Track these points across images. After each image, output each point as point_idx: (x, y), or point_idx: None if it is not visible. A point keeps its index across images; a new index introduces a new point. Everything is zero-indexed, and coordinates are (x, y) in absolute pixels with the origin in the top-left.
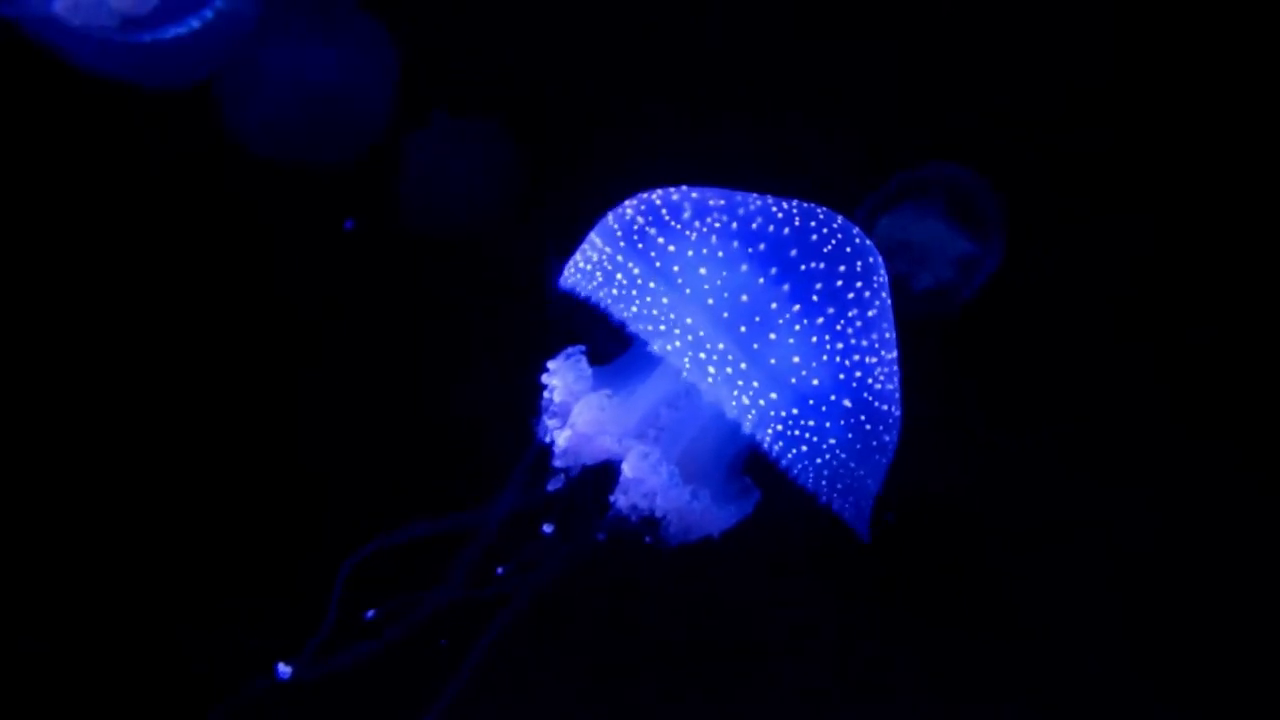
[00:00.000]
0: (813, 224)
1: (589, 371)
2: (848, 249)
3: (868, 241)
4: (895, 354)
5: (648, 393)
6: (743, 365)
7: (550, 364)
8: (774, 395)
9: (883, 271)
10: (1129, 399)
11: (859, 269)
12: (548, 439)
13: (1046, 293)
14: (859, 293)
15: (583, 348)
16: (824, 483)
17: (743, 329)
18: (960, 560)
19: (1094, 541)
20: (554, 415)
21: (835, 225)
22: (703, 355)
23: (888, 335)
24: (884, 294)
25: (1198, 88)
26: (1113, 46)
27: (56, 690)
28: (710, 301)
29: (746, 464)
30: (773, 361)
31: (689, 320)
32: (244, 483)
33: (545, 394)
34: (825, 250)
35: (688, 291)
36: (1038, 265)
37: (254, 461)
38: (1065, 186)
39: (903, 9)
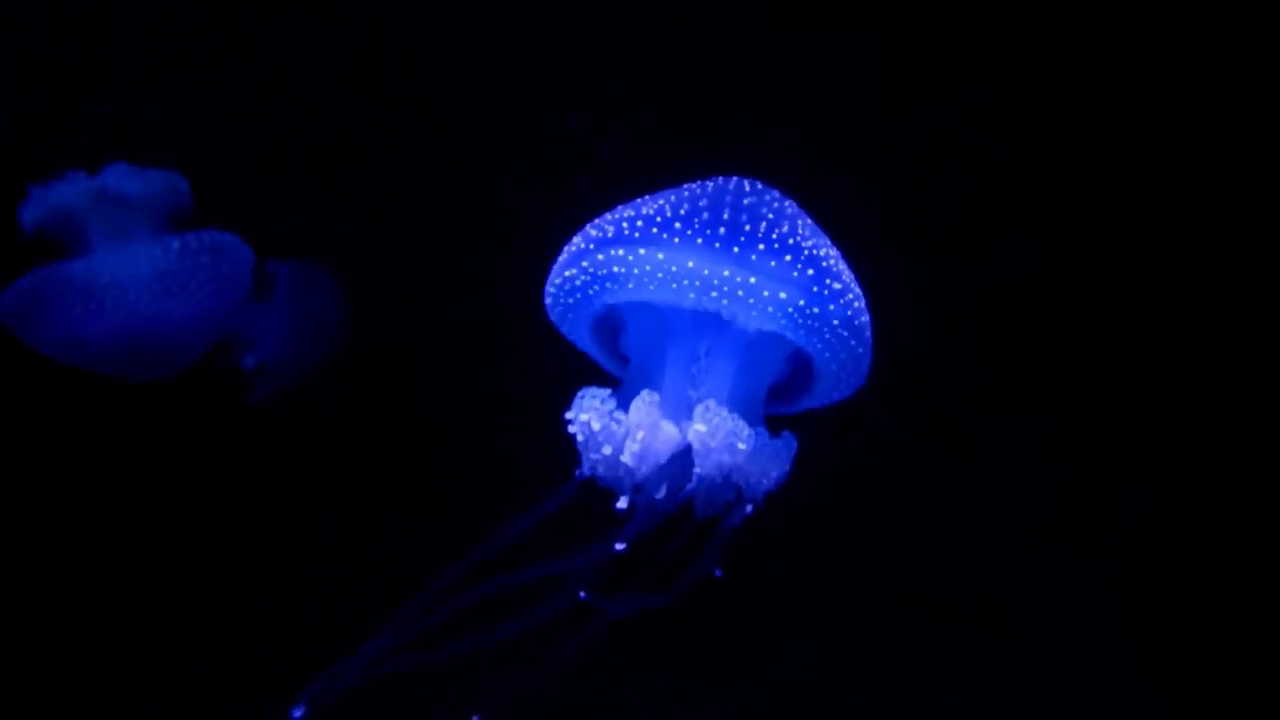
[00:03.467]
0: (722, 180)
1: (609, 394)
2: (759, 184)
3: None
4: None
5: (670, 382)
6: (752, 280)
7: (570, 412)
8: (783, 295)
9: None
10: (1103, 393)
11: (777, 194)
12: (593, 470)
13: (1021, 287)
14: (795, 210)
15: (590, 387)
16: (835, 365)
17: (735, 249)
18: (950, 558)
19: (1070, 534)
20: (597, 445)
21: (734, 180)
22: (715, 288)
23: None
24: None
25: (1171, 82)
26: (1086, 41)
27: (56, 691)
28: (699, 241)
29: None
30: (773, 264)
31: (691, 264)
32: (244, 482)
33: (579, 432)
34: (746, 189)
35: (676, 241)
36: (1012, 259)
37: (254, 461)
38: (1039, 180)
39: (877, 4)
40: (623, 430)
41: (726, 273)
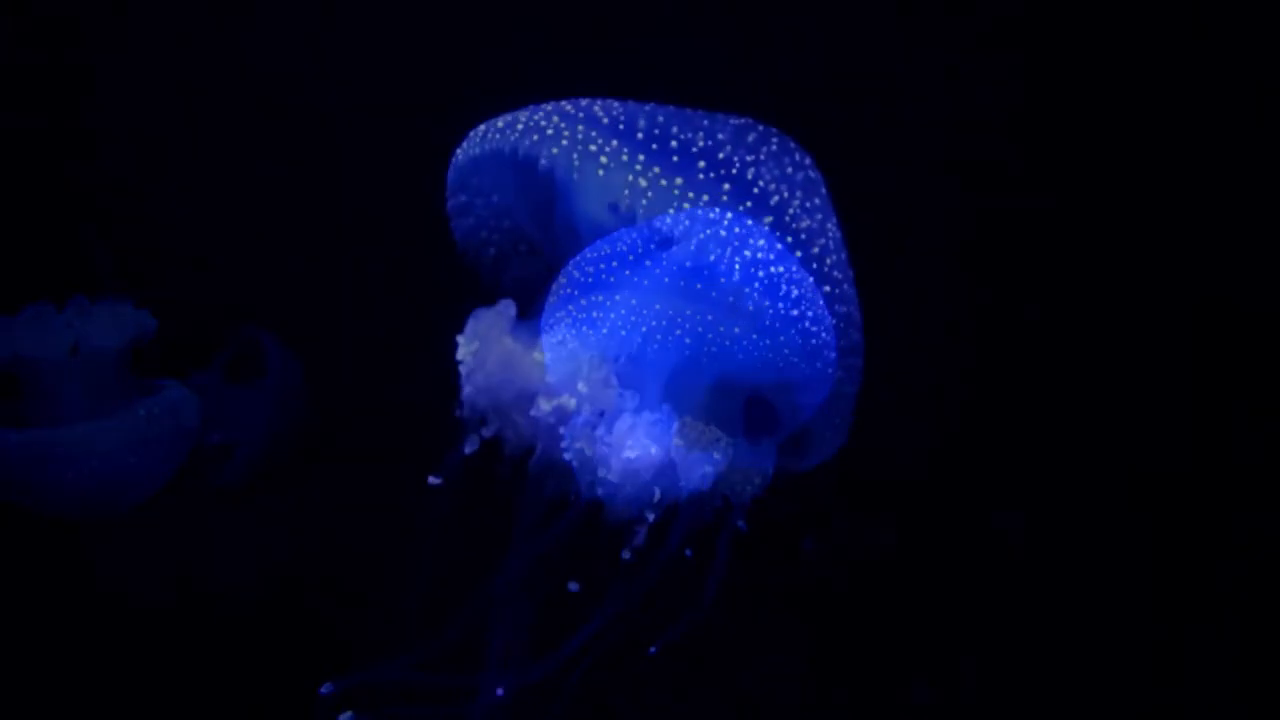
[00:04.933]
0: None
1: (598, 420)
2: (721, 222)
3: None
4: (793, 264)
5: (650, 402)
6: (709, 317)
7: (564, 439)
8: (737, 330)
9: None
10: (1103, 392)
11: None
12: (590, 493)
13: (1021, 287)
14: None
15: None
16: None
17: (699, 285)
18: (950, 558)
19: (1069, 533)
20: (591, 468)
21: (696, 215)
22: (682, 326)
23: (772, 255)
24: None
25: (1170, 82)
26: (1086, 41)
27: (57, 691)
28: (666, 280)
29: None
30: (731, 299)
31: (658, 306)
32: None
33: (574, 459)
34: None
35: (646, 283)
36: (1012, 259)
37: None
38: (1039, 182)
39: (877, 4)
40: (609, 451)
41: (689, 311)
